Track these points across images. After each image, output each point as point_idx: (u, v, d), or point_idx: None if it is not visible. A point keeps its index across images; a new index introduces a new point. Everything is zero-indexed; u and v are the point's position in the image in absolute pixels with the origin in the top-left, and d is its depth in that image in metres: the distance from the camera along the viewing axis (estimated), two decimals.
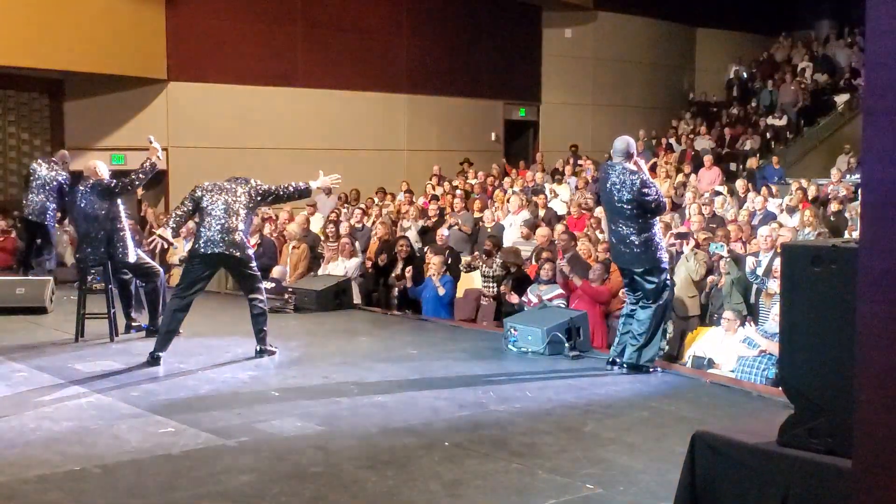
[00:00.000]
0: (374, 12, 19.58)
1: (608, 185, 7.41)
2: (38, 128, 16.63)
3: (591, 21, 23.00)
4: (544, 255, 10.20)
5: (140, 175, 8.60)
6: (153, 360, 7.57)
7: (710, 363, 8.21)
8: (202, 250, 7.64)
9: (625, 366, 7.47)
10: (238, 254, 7.68)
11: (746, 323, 8.23)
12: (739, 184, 15.61)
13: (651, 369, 7.45)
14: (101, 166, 8.74)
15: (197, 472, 4.93)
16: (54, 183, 12.11)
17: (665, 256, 7.58)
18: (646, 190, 7.27)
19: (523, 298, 9.58)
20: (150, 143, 8.65)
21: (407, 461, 5.15)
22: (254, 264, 7.91)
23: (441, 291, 10.51)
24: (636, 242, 7.33)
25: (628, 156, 7.42)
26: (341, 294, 10.37)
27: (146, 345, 8.31)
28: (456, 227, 13.37)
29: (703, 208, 12.78)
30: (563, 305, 9.20)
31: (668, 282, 7.62)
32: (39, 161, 12.58)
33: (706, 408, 6.40)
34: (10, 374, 7.14)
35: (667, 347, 9.08)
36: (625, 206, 7.31)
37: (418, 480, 4.85)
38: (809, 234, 10.99)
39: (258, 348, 7.88)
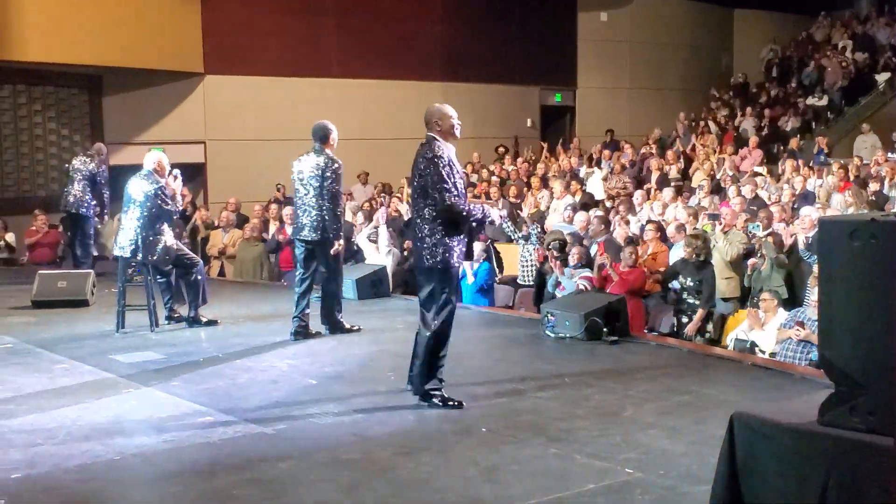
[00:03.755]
0: (407, 0, 19.54)
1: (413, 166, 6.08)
2: (77, 123, 16.80)
3: (627, 4, 22.81)
4: (569, 238, 10.17)
5: (179, 206, 8.95)
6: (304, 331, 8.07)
7: (753, 346, 8.10)
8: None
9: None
10: (313, 236, 7.96)
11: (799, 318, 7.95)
12: (789, 164, 15.40)
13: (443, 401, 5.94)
14: (164, 159, 8.81)
15: (235, 460, 4.95)
16: (89, 174, 12.24)
17: (455, 266, 5.96)
18: (437, 174, 5.82)
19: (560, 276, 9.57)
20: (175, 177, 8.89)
21: (443, 447, 5.13)
22: (327, 253, 8.03)
23: (470, 280, 10.46)
24: (427, 242, 5.88)
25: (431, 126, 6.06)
26: (378, 283, 10.38)
27: (186, 336, 8.40)
28: None
29: (742, 189, 12.64)
30: (587, 285, 9.18)
31: (451, 301, 5.96)
32: (78, 157, 12.72)
33: (748, 391, 6.32)
34: (51, 367, 7.21)
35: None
36: (417, 189, 6.03)
37: (455, 466, 4.83)
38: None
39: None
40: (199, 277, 8.82)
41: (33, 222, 14.07)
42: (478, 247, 10.72)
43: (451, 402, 5.91)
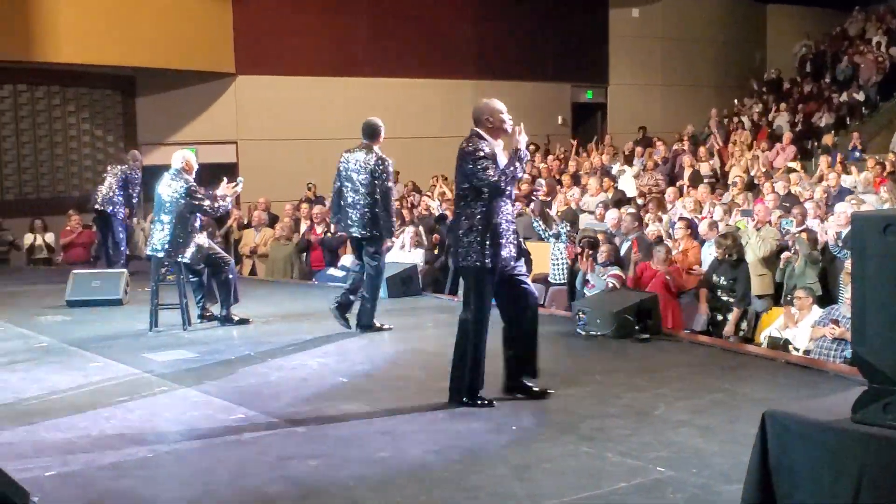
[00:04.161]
0: None
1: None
2: (111, 124, 16.99)
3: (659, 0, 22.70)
4: (601, 236, 10.10)
5: (223, 206, 8.94)
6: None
7: (787, 343, 8.02)
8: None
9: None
10: (361, 233, 8.08)
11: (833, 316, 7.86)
12: (823, 160, 15.23)
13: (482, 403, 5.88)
14: (192, 158, 8.89)
15: (266, 458, 4.96)
16: (121, 175, 12.38)
17: (491, 269, 5.80)
18: (474, 165, 5.73)
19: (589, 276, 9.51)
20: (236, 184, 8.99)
21: (474, 445, 5.12)
22: (374, 248, 8.12)
23: None
24: (462, 241, 5.81)
25: (482, 122, 5.92)
26: (408, 281, 10.40)
27: (218, 334, 8.45)
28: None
29: (776, 185, 12.54)
30: (616, 282, 9.10)
31: (482, 304, 5.91)
32: (114, 166, 12.89)
33: (781, 389, 6.25)
34: (85, 365, 7.28)
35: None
36: (457, 189, 5.99)
37: (486, 465, 4.81)
38: None
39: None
40: (231, 276, 8.87)
41: (67, 222, 14.24)
42: None
43: (481, 401, 5.90)
